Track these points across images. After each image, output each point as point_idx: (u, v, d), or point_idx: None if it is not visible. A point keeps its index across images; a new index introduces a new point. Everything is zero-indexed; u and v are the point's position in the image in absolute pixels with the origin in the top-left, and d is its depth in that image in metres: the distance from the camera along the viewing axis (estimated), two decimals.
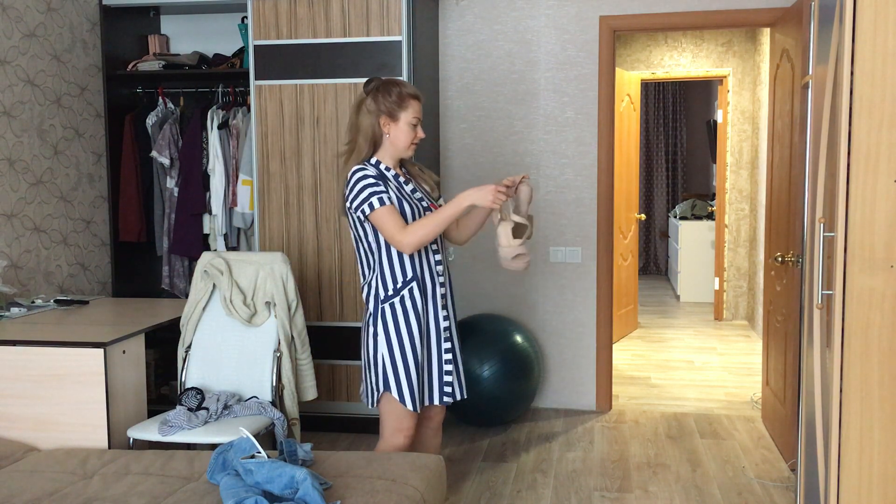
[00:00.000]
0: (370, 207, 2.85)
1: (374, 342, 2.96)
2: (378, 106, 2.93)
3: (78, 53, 4.62)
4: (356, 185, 2.88)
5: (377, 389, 2.96)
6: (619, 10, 4.79)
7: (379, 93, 2.93)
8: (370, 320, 2.98)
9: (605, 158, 4.85)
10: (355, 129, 2.98)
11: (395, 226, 2.83)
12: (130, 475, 2.75)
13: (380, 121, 2.93)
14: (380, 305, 2.96)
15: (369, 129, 2.94)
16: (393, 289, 2.95)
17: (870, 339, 2.41)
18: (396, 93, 2.93)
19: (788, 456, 4.03)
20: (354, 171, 2.90)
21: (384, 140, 2.97)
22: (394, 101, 2.93)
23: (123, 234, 4.82)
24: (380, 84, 2.96)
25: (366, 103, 2.95)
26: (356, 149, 2.97)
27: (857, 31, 2.35)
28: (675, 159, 10.44)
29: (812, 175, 2.74)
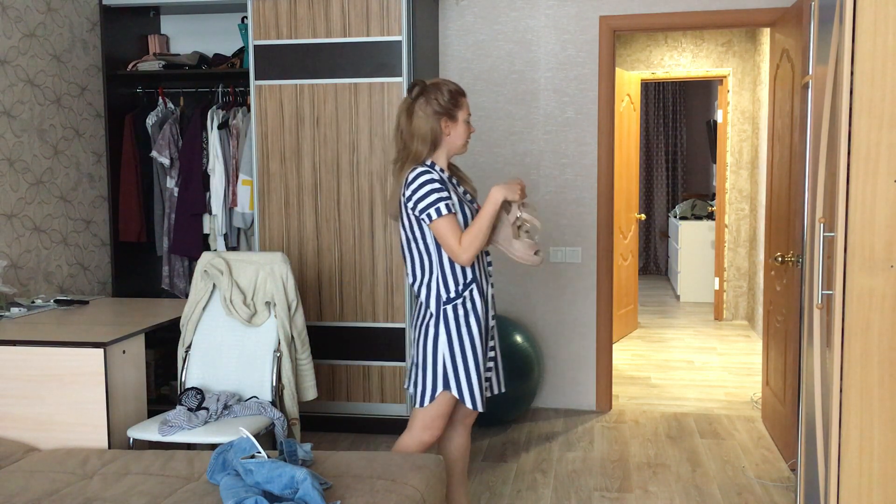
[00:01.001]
0: (437, 213, 2.85)
1: (434, 343, 2.95)
2: (434, 108, 2.93)
3: (78, 53, 4.62)
4: (422, 186, 2.87)
5: (434, 388, 2.95)
6: (619, 10, 4.79)
7: (431, 94, 2.94)
8: (431, 321, 2.96)
9: (605, 158, 4.85)
10: (410, 134, 2.95)
11: (456, 237, 2.86)
12: (130, 475, 2.75)
13: (440, 122, 2.95)
14: (442, 307, 2.94)
15: (429, 132, 2.93)
16: (455, 291, 2.94)
17: (870, 339, 2.41)
18: (448, 91, 2.96)
19: (788, 456, 4.03)
20: (419, 173, 2.89)
21: (442, 141, 2.98)
22: (449, 100, 2.95)
23: (123, 234, 4.82)
24: (427, 86, 2.96)
25: (419, 107, 2.94)
26: (413, 154, 2.94)
27: (857, 31, 2.35)
28: (675, 159, 10.44)
29: (812, 175, 2.74)
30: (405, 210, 2.93)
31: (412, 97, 2.96)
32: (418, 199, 2.87)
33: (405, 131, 2.96)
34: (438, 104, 2.93)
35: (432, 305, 2.95)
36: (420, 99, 2.94)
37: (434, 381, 2.95)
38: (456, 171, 3.12)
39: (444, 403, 2.98)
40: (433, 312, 2.95)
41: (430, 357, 2.95)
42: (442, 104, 2.94)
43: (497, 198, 2.90)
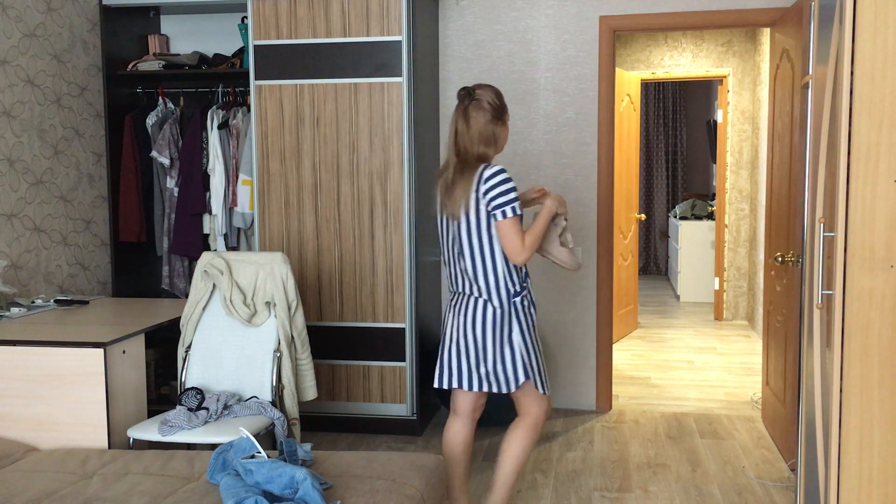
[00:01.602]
0: (513, 212, 2.97)
1: (509, 336, 3.07)
2: (490, 111, 3.07)
3: (78, 53, 4.62)
4: (503, 184, 2.97)
5: (515, 378, 3.08)
6: (619, 10, 4.79)
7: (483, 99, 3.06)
8: (502, 316, 3.06)
9: (605, 158, 4.85)
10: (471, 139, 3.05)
11: (521, 238, 3.00)
12: (130, 475, 2.75)
13: (498, 126, 3.10)
14: (511, 300, 3.07)
15: (491, 134, 3.08)
16: (520, 284, 3.10)
17: (870, 339, 2.41)
18: (497, 94, 3.11)
19: (788, 456, 4.03)
20: (499, 171, 2.98)
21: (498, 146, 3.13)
22: (500, 103, 3.11)
23: (123, 234, 4.83)
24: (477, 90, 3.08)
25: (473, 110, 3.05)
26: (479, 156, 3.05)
27: (857, 31, 2.36)
28: (675, 159, 10.44)
29: (812, 175, 2.74)
30: (478, 206, 3.00)
31: (465, 104, 3.07)
32: (496, 195, 2.96)
33: (464, 136, 3.06)
34: (492, 107, 3.07)
35: (503, 300, 3.06)
36: (472, 104, 3.06)
37: (515, 372, 3.08)
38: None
39: (532, 390, 3.15)
40: (503, 307, 3.06)
41: (507, 349, 3.07)
42: (495, 107, 3.08)
43: (552, 209, 3.13)
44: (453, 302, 3.17)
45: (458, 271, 3.12)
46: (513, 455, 3.20)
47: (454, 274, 3.15)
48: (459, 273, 3.11)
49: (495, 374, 3.09)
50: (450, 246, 3.13)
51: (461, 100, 3.09)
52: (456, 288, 3.16)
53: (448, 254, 3.16)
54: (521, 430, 3.21)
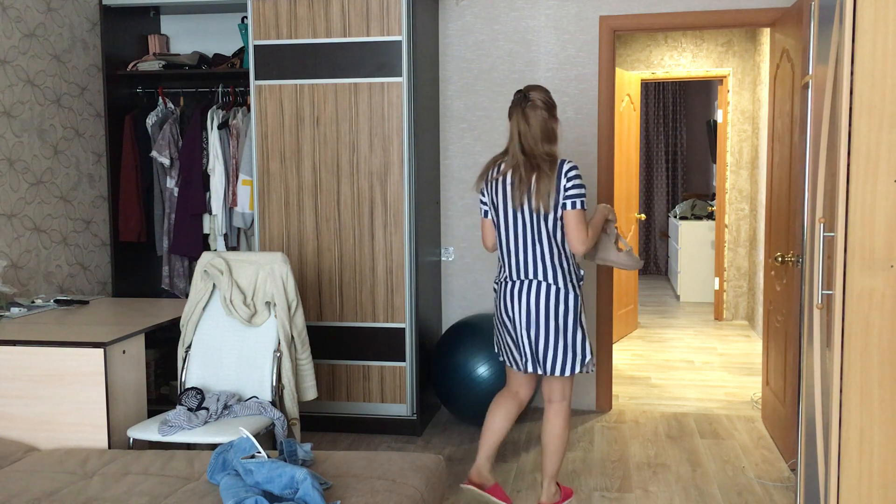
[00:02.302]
0: (581, 204, 3.26)
1: (578, 316, 3.33)
2: (545, 108, 3.30)
3: (78, 53, 4.62)
4: (578, 178, 3.27)
5: (582, 356, 3.35)
6: (619, 10, 4.79)
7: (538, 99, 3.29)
8: (577, 298, 3.33)
9: (605, 158, 4.85)
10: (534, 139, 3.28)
11: (585, 229, 3.28)
12: (130, 475, 2.75)
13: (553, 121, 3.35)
14: (578, 284, 3.37)
15: (552, 131, 3.33)
16: (581, 273, 3.41)
17: (870, 339, 2.41)
18: (548, 94, 3.34)
19: (788, 456, 4.03)
20: (575, 166, 3.28)
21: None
22: (553, 102, 3.35)
23: (123, 234, 4.83)
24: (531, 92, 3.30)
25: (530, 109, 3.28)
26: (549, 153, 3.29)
27: (857, 31, 2.35)
28: (675, 159, 10.44)
29: (812, 175, 2.74)
30: (559, 197, 3.25)
31: (523, 107, 3.29)
32: (573, 187, 3.24)
33: (527, 135, 3.28)
34: (546, 105, 3.31)
35: (575, 283, 3.35)
36: (528, 105, 3.29)
37: (584, 349, 3.35)
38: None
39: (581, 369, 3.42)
40: (576, 290, 3.34)
41: (578, 330, 3.33)
42: (548, 104, 3.32)
43: (605, 212, 3.45)
44: (517, 289, 3.34)
45: (536, 258, 3.31)
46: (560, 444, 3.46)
47: (527, 260, 3.33)
48: (537, 260, 3.32)
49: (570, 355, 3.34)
50: (519, 235, 3.33)
51: (518, 103, 3.31)
52: (523, 275, 3.34)
53: (515, 242, 3.35)
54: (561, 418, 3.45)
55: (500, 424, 3.52)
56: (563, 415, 3.46)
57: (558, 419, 3.45)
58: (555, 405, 3.47)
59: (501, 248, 3.40)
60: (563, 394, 3.46)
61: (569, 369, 3.35)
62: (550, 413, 3.47)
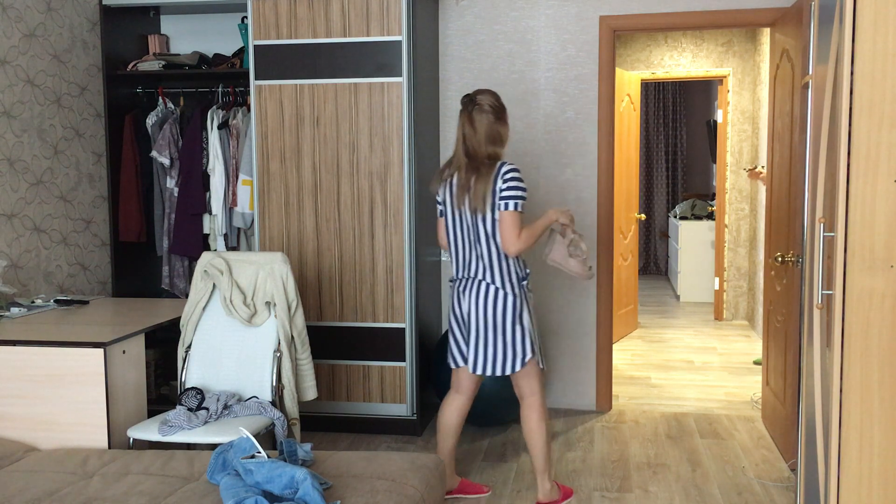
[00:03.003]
0: (515, 206, 3.29)
1: (519, 315, 3.39)
2: (492, 111, 3.35)
3: (78, 53, 4.62)
4: (515, 179, 3.30)
5: (522, 355, 3.41)
6: (619, 10, 4.79)
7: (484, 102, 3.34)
8: (514, 299, 3.38)
9: (605, 158, 4.85)
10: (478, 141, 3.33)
11: (517, 231, 3.31)
12: (130, 475, 2.75)
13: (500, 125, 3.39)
14: (521, 283, 3.41)
15: (497, 133, 3.38)
16: (524, 271, 3.45)
17: (870, 339, 2.41)
18: (495, 97, 3.39)
19: (788, 456, 4.03)
20: (514, 168, 3.33)
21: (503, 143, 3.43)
22: (502, 105, 3.41)
23: (123, 234, 4.83)
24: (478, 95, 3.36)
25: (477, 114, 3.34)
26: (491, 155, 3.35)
27: (857, 31, 2.35)
28: (675, 159, 10.44)
29: (812, 175, 2.74)
30: (495, 199, 3.30)
31: (469, 110, 3.35)
32: (508, 188, 3.29)
33: (472, 139, 3.35)
34: (493, 109, 3.36)
35: (514, 284, 3.39)
36: (475, 108, 3.35)
37: (524, 349, 3.41)
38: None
39: (533, 364, 3.48)
40: (515, 290, 3.39)
41: (517, 329, 3.39)
42: (495, 108, 3.37)
43: (551, 217, 3.45)
44: (463, 287, 3.44)
45: (475, 257, 3.40)
46: (542, 438, 3.53)
47: (468, 260, 3.43)
48: (476, 259, 3.40)
49: (504, 355, 3.41)
50: (463, 235, 3.42)
51: (465, 106, 3.37)
52: (467, 273, 3.44)
53: (460, 242, 3.45)
54: (536, 413, 3.52)
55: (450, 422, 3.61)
56: (534, 409, 3.52)
57: (530, 414, 3.52)
58: (525, 401, 3.55)
59: (450, 247, 3.51)
60: (530, 389, 3.52)
61: (508, 367, 3.42)
62: (523, 409, 3.56)
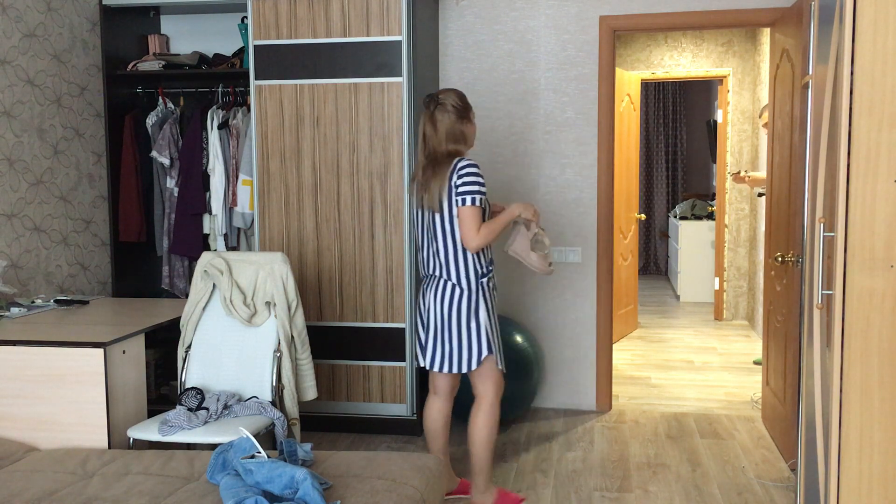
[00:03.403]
0: (472, 201, 3.26)
1: (475, 313, 3.37)
2: (455, 111, 3.35)
3: (78, 53, 4.62)
4: (471, 175, 3.28)
5: (479, 353, 3.38)
6: (619, 10, 4.79)
7: (447, 102, 3.34)
8: (469, 295, 3.36)
9: (605, 158, 4.85)
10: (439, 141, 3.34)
11: (476, 226, 3.28)
12: (130, 475, 2.75)
13: (464, 124, 3.38)
14: (479, 280, 3.38)
15: (459, 132, 3.37)
16: (486, 267, 3.41)
17: (870, 339, 2.41)
18: (460, 97, 3.39)
19: (788, 456, 4.03)
20: (471, 164, 3.30)
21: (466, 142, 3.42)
22: (462, 103, 3.38)
23: (123, 234, 4.83)
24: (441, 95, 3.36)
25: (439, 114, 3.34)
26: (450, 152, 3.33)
27: (857, 31, 2.36)
28: (675, 159, 10.44)
29: (812, 175, 2.74)
30: (450, 195, 3.30)
31: (431, 109, 3.35)
32: (464, 183, 3.27)
33: (433, 138, 3.36)
34: (456, 108, 3.35)
35: (471, 280, 3.37)
36: (438, 108, 3.35)
37: (479, 346, 3.38)
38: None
39: (490, 363, 3.43)
40: (471, 287, 3.37)
41: (472, 326, 3.37)
42: (458, 108, 3.36)
43: (515, 211, 3.41)
44: (426, 285, 3.46)
45: (431, 255, 3.41)
46: (482, 439, 3.48)
47: (427, 257, 3.44)
48: (432, 256, 3.41)
49: (459, 352, 3.39)
50: (424, 233, 3.44)
51: (426, 106, 3.37)
52: (428, 271, 3.45)
53: (422, 240, 3.47)
54: (483, 414, 3.47)
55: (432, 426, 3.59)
56: (482, 410, 3.47)
57: (477, 413, 3.48)
58: (476, 399, 3.51)
59: (417, 245, 3.55)
60: (483, 389, 3.48)
61: (464, 365, 3.40)
62: (473, 408, 3.52)
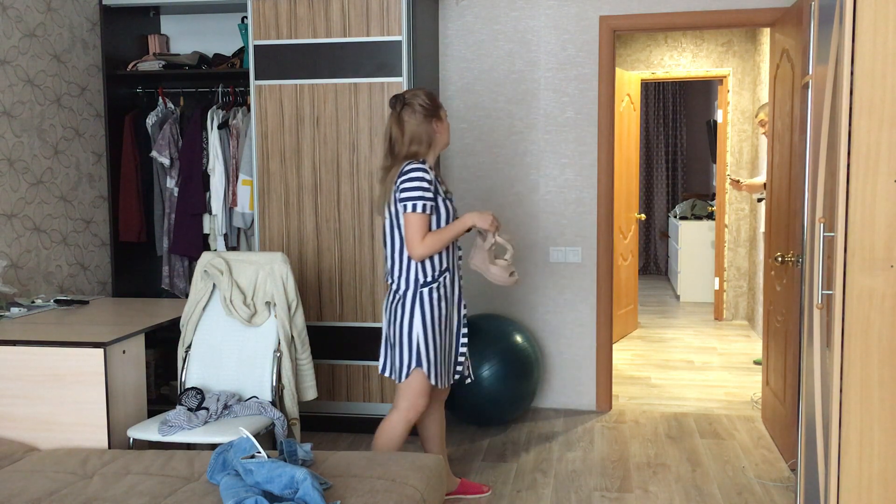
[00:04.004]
0: (412, 207, 3.15)
1: (409, 321, 3.22)
2: (424, 111, 3.24)
3: (78, 53, 4.62)
4: (414, 180, 3.15)
5: (409, 364, 3.23)
6: (619, 10, 4.79)
7: (415, 102, 3.24)
8: (406, 302, 3.24)
9: (605, 158, 4.85)
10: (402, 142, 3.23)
11: (420, 234, 3.16)
12: (130, 475, 2.76)
13: (432, 123, 3.26)
14: (419, 289, 3.23)
15: (424, 133, 3.24)
16: (432, 276, 3.25)
17: (870, 339, 2.41)
18: (429, 96, 3.28)
19: (788, 456, 4.03)
20: (416, 168, 3.17)
21: (433, 140, 3.29)
22: (430, 102, 3.27)
23: (123, 234, 4.83)
24: (408, 95, 3.26)
25: (407, 115, 3.23)
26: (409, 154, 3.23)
27: (857, 31, 2.36)
28: (675, 159, 10.44)
29: (812, 175, 2.74)
30: (393, 197, 3.20)
31: (398, 110, 3.24)
32: (406, 189, 3.15)
33: (398, 140, 3.25)
34: (423, 108, 3.24)
35: (410, 287, 3.23)
36: (405, 109, 3.24)
37: (409, 357, 3.23)
38: (437, 170, 3.45)
39: (421, 381, 3.26)
40: (408, 294, 3.23)
41: (405, 335, 3.23)
42: (426, 107, 3.24)
43: (466, 222, 3.25)
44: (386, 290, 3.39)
45: (385, 259, 3.33)
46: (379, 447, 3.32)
47: (384, 261, 3.37)
48: (386, 261, 3.33)
49: (393, 359, 3.29)
50: (382, 236, 3.40)
51: (392, 106, 3.26)
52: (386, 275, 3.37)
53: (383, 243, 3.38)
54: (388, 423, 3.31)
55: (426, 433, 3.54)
56: (388, 419, 3.31)
57: (384, 424, 3.32)
58: (392, 408, 3.34)
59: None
60: (399, 398, 3.30)
61: (395, 374, 3.26)
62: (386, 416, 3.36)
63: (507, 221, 4.98)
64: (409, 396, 3.28)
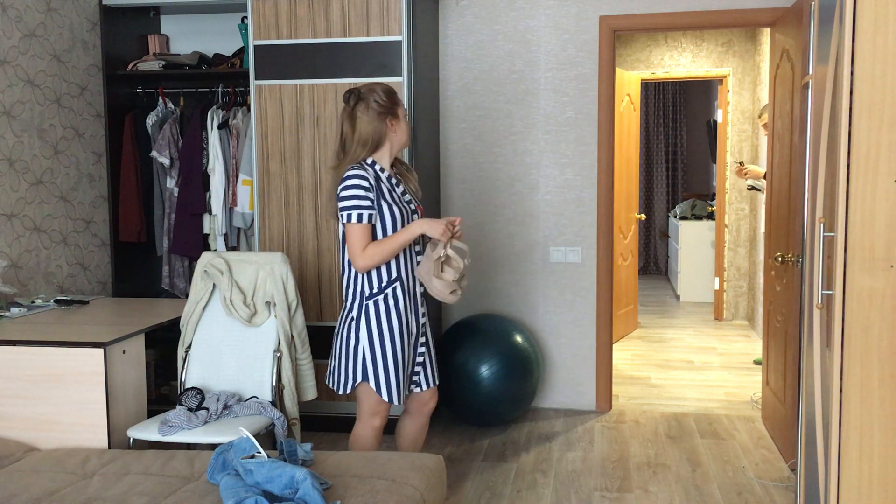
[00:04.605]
0: (348, 218, 3.00)
1: (355, 335, 3.10)
2: (377, 109, 3.06)
3: (78, 53, 4.62)
4: (349, 188, 3.01)
5: (353, 378, 3.12)
6: (619, 10, 4.79)
7: (370, 98, 3.06)
8: (353, 315, 3.11)
9: (605, 158, 4.85)
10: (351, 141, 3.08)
11: (360, 245, 3.00)
12: (130, 475, 2.75)
13: (387, 122, 3.08)
14: (364, 302, 3.09)
15: (372, 133, 3.06)
16: (378, 287, 3.09)
17: (870, 339, 2.41)
18: (386, 93, 3.09)
19: (788, 456, 4.03)
20: (351, 175, 3.02)
21: (387, 140, 3.11)
22: (387, 99, 3.09)
23: (123, 234, 4.83)
24: (364, 90, 3.08)
25: (360, 112, 3.06)
26: (351, 156, 3.08)
27: (857, 31, 2.36)
28: (675, 159, 10.44)
29: (812, 175, 2.74)
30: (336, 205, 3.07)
31: (351, 105, 3.06)
32: (342, 198, 3.01)
33: (349, 137, 3.08)
34: (379, 105, 3.06)
35: (356, 298, 3.11)
36: (360, 104, 3.06)
37: (354, 372, 3.11)
38: (401, 168, 3.25)
39: (369, 394, 3.13)
40: (354, 305, 3.11)
41: (351, 348, 3.11)
42: (382, 104, 3.06)
43: (415, 230, 3.03)
44: None
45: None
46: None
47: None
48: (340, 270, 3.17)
49: (338, 370, 3.16)
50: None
51: (346, 101, 3.07)
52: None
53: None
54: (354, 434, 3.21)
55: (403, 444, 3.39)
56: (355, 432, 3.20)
57: (352, 435, 3.22)
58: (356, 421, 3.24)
59: None
60: (358, 414, 3.20)
61: (339, 387, 3.14)
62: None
63: (507, 221, 4.97)
64: (368, 406, 3.15)
